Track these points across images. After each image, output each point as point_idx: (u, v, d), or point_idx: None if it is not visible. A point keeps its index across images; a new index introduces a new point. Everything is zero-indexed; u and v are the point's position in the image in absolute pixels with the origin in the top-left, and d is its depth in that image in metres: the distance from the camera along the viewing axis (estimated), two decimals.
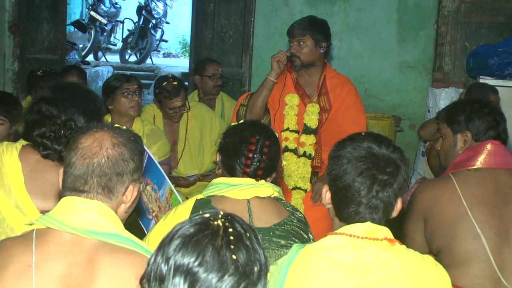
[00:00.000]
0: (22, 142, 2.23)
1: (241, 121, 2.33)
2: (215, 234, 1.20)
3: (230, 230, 1.22)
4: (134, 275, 1.45)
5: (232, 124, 2.30)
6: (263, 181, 2.15)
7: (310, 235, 2.19)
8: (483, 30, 5.36)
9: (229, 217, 1.26)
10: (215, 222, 1.23)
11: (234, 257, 1.18)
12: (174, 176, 3.93)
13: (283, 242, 2.07)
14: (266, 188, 2.14)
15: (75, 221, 1.53)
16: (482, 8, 5.33)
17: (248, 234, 1.24)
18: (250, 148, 2.12)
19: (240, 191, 2.10)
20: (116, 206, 1.60)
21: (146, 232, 2.63)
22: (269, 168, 2.17)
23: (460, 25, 5.37)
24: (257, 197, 2.12)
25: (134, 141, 1.64)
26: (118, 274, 1.49)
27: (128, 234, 1.58)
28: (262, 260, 1.23)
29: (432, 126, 3.77)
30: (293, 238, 2.10)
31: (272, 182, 2.22)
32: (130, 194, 1.61)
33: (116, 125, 1.68)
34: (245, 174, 2.13)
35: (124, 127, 1.70)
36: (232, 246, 1.19)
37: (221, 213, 1.26)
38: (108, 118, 3.51)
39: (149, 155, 2.82)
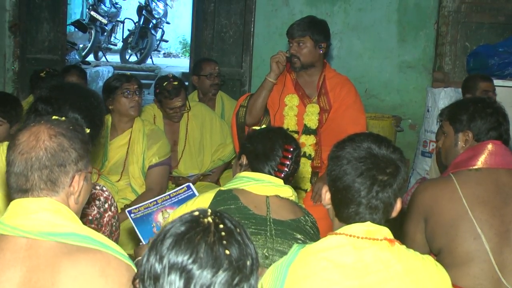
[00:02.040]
0: None
1: (263, 126, 2.46)
2: (207, 231, 1.22)
3: (221, 226, 1.23)
4: (96, 272, 1.46)
5: (258, 128, 2.41)
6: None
7: None
8: (484, 30, 5.36)
9: (218, 214, 1.27)
10: (205, 219, 1.24)
11: (227, 252, 1.20)
12: (174, 176, 3.93)
13: (299, 236, 2.15)
14: (286, 189, 2.23)
15: (28, 225, 1.49)
16: (482, 8, 5.33)
17: (238, 230, 1.25)
18: (285, 155, 2.22)
19: (262, 187, 2.19)
20: (66, 198, 1.56)
21: (142, 240, 2.64)
22: (294, 176, 2.30)
23: (460, 25, 5.37)
24: (276, 195, 2.20)
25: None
26: (79, 274, 1.45)
27: (86, 231, 1.54)
28: (254, 255, 1.25)
29: None
30: (307, 236, 2.18)
31: None
32: (76, 185, 1.57)
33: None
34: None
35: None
36: (224, 242, 1.21)
37: (210, 210, 1.27)
38: (108, 118, 3.51)
39: (193, 191, 2.81)
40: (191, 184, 2.86)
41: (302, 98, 3.41)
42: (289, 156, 2.22)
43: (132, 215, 2.69)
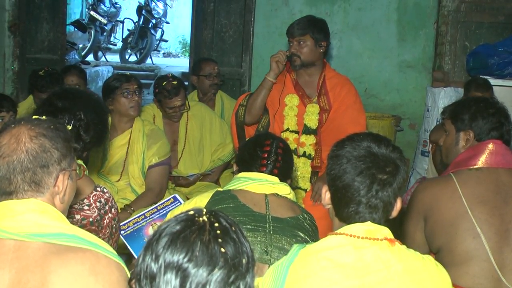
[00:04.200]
0: None
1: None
2: (202, 229, 1.22)
3: (216, 224, 1.24)
4: (86, 271, 1.45)
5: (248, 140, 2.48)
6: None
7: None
8: (483, 30, 5.36)
9: (213, 213, 1.27)
10: (201, 218, 1.24)
11: (222, 250, 1.20)
12: (174, 175, 3.93)
13: (300, 233, 2.19)
14: (284, 187, 2.27)
15: (15, 226, 1.48)
16: (482, 7, 5.33)
17: (233, 228, 1.26)
18: (265, 149, 2.28)
19: (260, 186, 2.23)
20: (52, 198, 1.56)
21: (135, 256, 2.64)
22: (284, 170, 2.31)
23: (460, 25, 5.37)
24: (274, 194, 2.24)
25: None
26: (69, 273, 1.45)
27: (74, 230, 1.53)
28: (249, 253, 1.25)
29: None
30: (306, 233, 2.20)
31: None
32: (61, 184, 1.56)
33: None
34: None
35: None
36: (220, 240, 1.21)
37: (205, 210, 1.27)
38: (108, 118, 3.50)
39: (180, 202, 2.82)
40: (177, 196, 2.88)
41: (302, 98, 3.41)
42: (268, 149, 2.28)
43: (122, 232, 2.70)
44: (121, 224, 2.63)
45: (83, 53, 9.79)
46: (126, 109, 3.45)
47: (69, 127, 1.72)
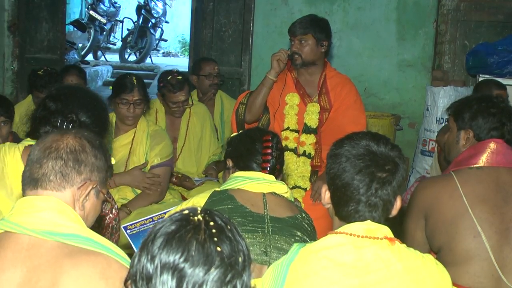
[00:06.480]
0: (25, 142, 2.24)
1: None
2: (197, 229, 1.21)
3: (211, 223, 1.22)
4: (97, 274, 1.46)
5: (233, 135, 2.44)
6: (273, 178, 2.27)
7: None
8: (483, 29, 5.36)
9: (208, 211, 1.26)
10: (195, 217, 1.23)
11: (218, 249, 1.19)
12: (176, 173, 3.90)
13: (298, 232, 2.18)
14: (281, 185, 2.26)
15: (32, 222, 1.49)
16: (481, 6, 5.33)
17: (229, 227, 1.24)
18: (265, 145, 2.26)
19: (257, 185, 2.21)
20: (73, 200, 1.56)
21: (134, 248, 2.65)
22: (282, 165, 2.31)
23: (459, 24, 5.37)
24: (272, 193, 2.23)
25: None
26: (80, 275, 1.45)
27: (89, 233, 1.54)
28: (245, 251, 1.24)
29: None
30: (305, 233, 2.19)
31: None
32: (85, 190, 1.57)
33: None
34: (264, 170, 2.25)
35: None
36: (215, 239, 1.20)
37: (199, 209, 1.26)
38: (113, 116, 3.46)
39: None
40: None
41: (302, 97, 3.41)
42: (270, 145, 2.26)
43: (128, 231, 2.70)
44: (129, 223, 2.64)
45: (82, 53, 9.79)
46: (123, 117, 3.43)
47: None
